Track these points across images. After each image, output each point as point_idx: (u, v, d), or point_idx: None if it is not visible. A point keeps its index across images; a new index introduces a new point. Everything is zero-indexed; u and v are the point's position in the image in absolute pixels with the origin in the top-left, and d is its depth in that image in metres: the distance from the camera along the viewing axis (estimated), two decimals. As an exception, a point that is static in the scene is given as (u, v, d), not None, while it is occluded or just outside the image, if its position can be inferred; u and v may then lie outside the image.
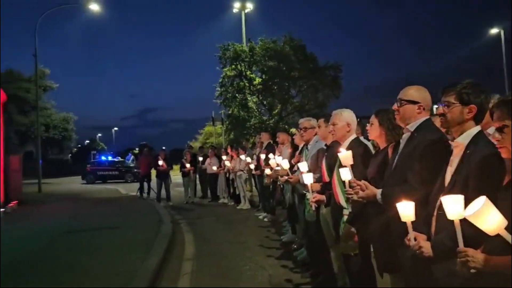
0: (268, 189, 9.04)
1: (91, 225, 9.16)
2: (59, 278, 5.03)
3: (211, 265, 5.83)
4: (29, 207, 13.15)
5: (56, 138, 42.49)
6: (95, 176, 27.87)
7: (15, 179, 14.66)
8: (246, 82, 25.17)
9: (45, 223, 9.64)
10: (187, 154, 13.87)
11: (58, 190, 21.22)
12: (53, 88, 42.47)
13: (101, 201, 14.75)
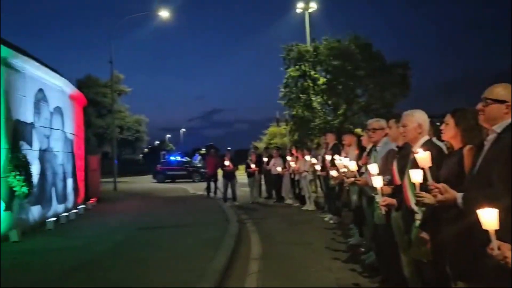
0: (334, 190, 8.90)
1: (161, 222, 9.56)
2: (133, 272, 5.30)
3: (277, 265, 5.85)
4: (106, 204, 14.02)
5: (129, 139, 44.97)
6: (165, 175, 29.02)
7: (94, 177, 15.72)
8: (310, 82, 24.93)
9: (120, 220, 10.22)
10: (252, 154, 14.03)
11: (131, 189, 22.39)
12: (127, 92, 44.96)
13: (171, 200, 15.35)
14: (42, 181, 9.57)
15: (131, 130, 44.98)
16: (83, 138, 14.58)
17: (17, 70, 8.62)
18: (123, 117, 43.92)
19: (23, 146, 8.69)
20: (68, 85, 12.16)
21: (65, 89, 11.83)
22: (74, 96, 12.85)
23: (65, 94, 11.87)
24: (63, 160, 11.33)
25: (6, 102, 8.08)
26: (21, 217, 8.44)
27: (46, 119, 10.12)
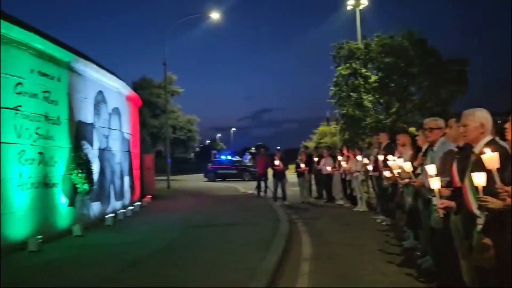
0: (387, 191, 8.63)
1: (213, 221, 9.72)
2: (186, 269, 5.41)
3: (329, 266, 5.77)
4: (160, 202, 14.47)
5: (182, 138, 46.16)
6: (216, 174, 29.51)
7: (149, 176, 16.30)
8: (361, 80, 24.41)
9: (174, 217, 10.50)
10: (302, 154, 13.94)
11: (183, 187, 22.97)
12: (179, 93, 46.15)
13: (222, 199, 15.58)
14: (101, 179, 10.04)
15: (184, 129, 46.14)
16: (138, 137, 15.14)
17: (79, 74, 9.10)
18: (176, 117, 45.11)
19: (85, 146, 9.16)
20: (125, 87, 12.66)
21: (122, 91, 12.33)
22: (130, 97, 13.37)
23: (122, 96, 12.37)
24: (121, 159, 11.81)
25: (69, 104, 8.54)
26: (83, 212, 8.90)
27: (105, 119, 10.60)
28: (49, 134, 7.74)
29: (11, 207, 6.63)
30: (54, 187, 7.90)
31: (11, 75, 6.76)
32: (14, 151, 6.76)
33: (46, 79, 7.74)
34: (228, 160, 32.09)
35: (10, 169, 6.65)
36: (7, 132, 6.60)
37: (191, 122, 47.14)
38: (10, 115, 6.68)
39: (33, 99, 7.28)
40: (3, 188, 6.47)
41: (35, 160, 7.30)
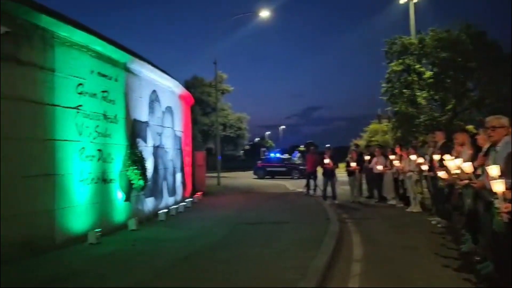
0: (443, 192, 8.24)
1: (262, 218, 9.74)
2: (236, 266, 5.44)
3: (381, 269, 5.59)
4: (211, 198, 14.72)
5: (231, 136, 46.75)
6: (265, 171, 29.58)
7: (200, 173, 16.65)
8: (415, 76, 23.48)
9: (224, 214, 10.63)
10: (352, 152, 13.65)
11: (233, 184, 23.23)
12: (229, 91, 46.73)
13: (271, 196, 15.59)
14: (155, 175, 10.36)
15: (233, 127, 46.71)
16: (190, 135, 15.48)
17: (135, 74, 9.42)
18: (226, 115, 45.74)
19: (140, 143, 9.49)
20: (178, 86, 12.97)
21: (175, 90, 12.64)
22: (182, 96, 13.68)
23: (175, 94, 12.68)
24: (173, 156, 12.13)
25: (125, 103, 8.87)
26: (138, 207, 9.23)
27: (159, 118, 10.91)
28: (107, 132, 8.08)
29: (72, 201, 6.99)
30: (112, 183, 8.24)
31: (73, 76, 7.12)
32: (76, 148, 7.12)
33: (104, 80, 8.09)
34: (277, 158, 32.06)
35: (72, 165, 7.00)
36: (69, 130, 6.95)
37: (240, 120, 47.63)
38: (72, 114, 7.04)
39: (92, 98, 7.63)
40: (65, 183, 6.83)
41: (94, 156, 7.65)
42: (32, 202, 6.17)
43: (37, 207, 6.26)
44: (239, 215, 10.30)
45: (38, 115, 6.35)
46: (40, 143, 6.37)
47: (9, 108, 5.84)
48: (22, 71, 6.11)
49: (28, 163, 6.11)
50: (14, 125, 5.93)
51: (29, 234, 6.09)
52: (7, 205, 5.72)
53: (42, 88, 6.44)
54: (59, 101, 6.75)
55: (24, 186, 6.03)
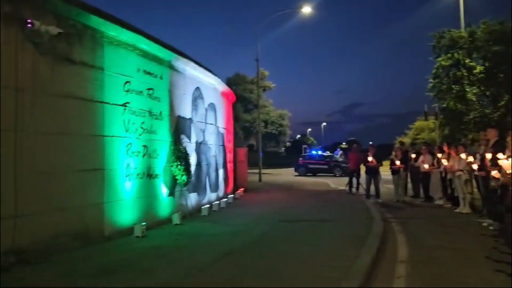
0: (495, 193, 7.84)
1: (304, 216, 9.67)
2: (277, 263, 5.43)
3: (427, 271, 5.38)
4: (252, 194, 14.79)
5: (273, 133, 46.78)
6: (306, 168, 29.40)
7: (242, 169, 16.75)
8: (465, 71, 22.49)
9: (265, 210, 10.65)
10: (397, 150, 13.27)
11: (274, 180, 23.25)
12: (271, 88, 46.77)
13: (312, 194, 15.47)
14: (198, 171, 10.52)
15: (275, 124, 46.72)
16: (232, 132, 15.61)
17: (179, 71, 9.59)
18: (268, 111, 45.82)
19: (183, 139, 9.67)
20: (220, 83, 13.10)
21: (218, 87, 12.77)
22: (225, 93, 13.80)
23: (217, 91, 12.81)
24: (216, 152, 12.27)
25: (170, 100, 9.06)
26: (181, 202, 9.41)
27: (202, 114, 11.07)
28: (152, 128, 8.29)
29: (119, 195, 7.23)
30: (156, 178, 8.45)
31: (121, 74, 7.35)
32: (123, 144, 7.35)
33: (150, 77, 8.29)
34: (319, 155, 31.77)
35: (119, 161, 7.24)
36: (116, 126, 7.19)
37: (282, 116, 47.56)
38: (119, 111, 7.27)
39: (139, 96, 7.85)
40: (113, 178, 7.07)
41: (140, 152, 7.87)
42: (83, 195, 6.43)
43: (87, 200, 6.52)
44: (281, 212, 10.28)
45: (88, 112, 6.60)
46: (90, 139, 6.63)
47: (62, 105, 6.11)
48: (74, 69, 6.37)
49: (79, 158, 6.38)
50: (67, 121, 6.20)
51: (80, 226, 6.36)
52: (61, 197, 6.01)
53: (92, 86, 6.69)
54: (108, 98, 6.99)
55: (76, 180, 6.30)
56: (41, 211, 5.72)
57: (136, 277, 4.89)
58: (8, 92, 5.34)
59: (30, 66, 5.65)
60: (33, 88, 5.66)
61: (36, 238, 5.65)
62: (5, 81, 5.31)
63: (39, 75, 5.77)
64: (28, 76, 5.61)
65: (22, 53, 5.55)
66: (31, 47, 5.67)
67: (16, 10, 5.53)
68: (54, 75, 6.01)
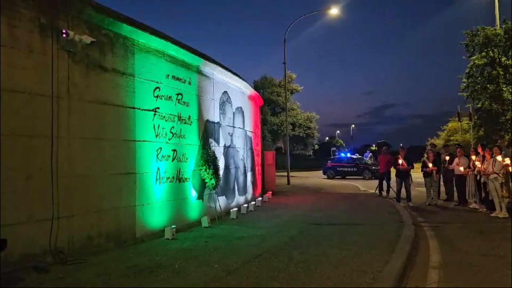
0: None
1: (333, 219, 9.63)
2: (307, 267, 5.45)
3: (462, 278, 5.28)
4: (280, 197, 14.82)
5: (301, 135, 46.60)
6: (335, 171, 29.18)
7: (270, 172, 16.81)
8: (500, 69, 21.85)
9: (294, 214, 10.66)
10: (429, 152, 13.02)
11: (303, 183, 23.17)
12: (298, 91, 46.62)
13: (341, 197, 15.36)
14: (226, 175, 10.66)
15: (303, 127, 46.54)
16: (260, 135, 15.70)
17: (207, 76, 9.76)
18: (296, 114, 45.70)
19: (212, 143, 9.82)
20: (247, 87, 13.22)
21: (245, 91, 12.89)
22: (252, 97, 13.91)
23: (245, 95, 12.93)
24: (244, 156, 12.39)
25: (198, 105, 9.23)
26: (210, 205, 9.56)
27: (230, 118, 11.21)
28: (181, 133, 8.47)
29: (150, 198, 7.43)
30: (186, 182, 8.62)
31: (151, 80, 7.56)
32: (153, 149, 7.55)
33: (178, 83, 8.48)
34: (348, 158, 31.46)
35: (150, 165, 7.44)
36: (147, 131, 7.39)
37: (310, 119, 47.31)
38: (150, 117, 7.48)
39: (168, 101, 8.05)
40: (144, 181, 7.27)
41: (170, 156, 8.05)
42: (116, 198, 6.65)
43: (120, 203, 6.74)
44: (309, 215, 10.27)
45: (120, 117, 6.83)
46: (123, 144, 6.85)
47: (96, 111, 6.35)
48: (107, 76, 6.60)
49: (113, 162, 6.60)
50: (101, 127, 6.43)
51: (113, 228, 6.58)
52: (96, 200, 6.24)
53: (124, 92, 6.91)
54: (139, 104, 7.21)
55: (110, 183, 6.53)
56: (78, 213, 5.96)
57: (167, 278, 5.02)
58: (45, 100, 5.60)
59: (65, 74, 5.91)
60: (68, 95, 5.91)
61: (73, 239, 5.89)
62: (42, 89, 5.58)
63: (74, 83, 6.03)
64: (63, 84, 5.87)
65: (58, 62, 5.81)
66: (66, 55, 5.93)
67: (52, 21, 5.79)
68: (88, 82, 6.26)
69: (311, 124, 47.18)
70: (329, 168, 29.84)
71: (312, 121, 47.53)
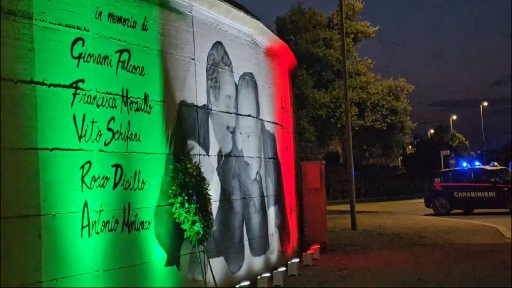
0: None
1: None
2: None
3: None
4: (338, 258, 15.02)
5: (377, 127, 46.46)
6: (450, 199, 29.78)
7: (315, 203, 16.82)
8: None
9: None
10: None
11: (382, 226, 23.36)
12: (369, 35, 46.71)
13: (465, 254, 15.42)
14: (225, 213, 10.72)
15: (380, 108, 46.39)
16: (292, 128, 15.62)
17: (179, 12, 9.77)
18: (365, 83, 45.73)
19: (193, 150, 9.86)
20: (264, 31, 13.22)
21: (259, 39, 12.91)
22: (274, 51, 13.91)
23: (260, 49, 12.93)
24: (260, 173, 12.40)
25: (164, 72, 9.23)
26: (194, 277, 9.54)
27: (229, 97, 11.29)
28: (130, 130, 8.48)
29: (71, 266, 7.41)
30: (143, 230, 8.63)
31: (66, 25, 7.56)
32: (74, 164, 7.55)
33: (122, 28, 8.50)
34: (475, 171, 31.12)
35: (69, 197, 7.43)
36: (60, 129, 7.38)
37: (395, 93, 47.05)
38: (65, 99, 7.48)
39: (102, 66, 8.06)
40: (57, 233, 7.27)
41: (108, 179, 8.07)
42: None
43: (8, 279, 6.74)
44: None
45: (5, 103, 6.82)
46: (10, 156, 6.84)
47: None
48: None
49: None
50: None
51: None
52: None
53: (11, 51, 6.91)
54: (43, 75, 7.21)
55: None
56: None
57: None
58: None
59: None
60: None
61: None
62: None
63: None
64: None
65: None
66: None
67: None
68: None
69: (397, 104, 46.87)
70: (438, 194, 29.67)
71: (399, 97, 47.28)
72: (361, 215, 23.44)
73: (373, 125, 45.75)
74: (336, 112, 42.65)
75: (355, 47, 46.51)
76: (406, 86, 47.64)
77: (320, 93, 43.77)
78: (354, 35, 44.45)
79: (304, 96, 40.75)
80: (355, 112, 41.66)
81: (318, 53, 43.61)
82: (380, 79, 47.34)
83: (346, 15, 37.91)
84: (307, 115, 41.82)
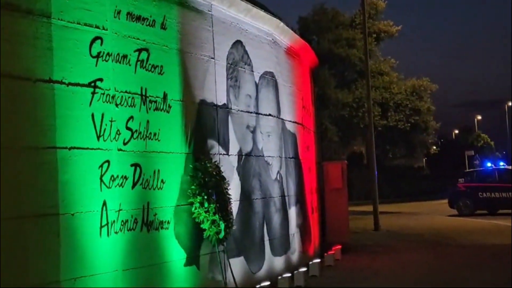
0: None
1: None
2: None
3: None
4: (361, 258, 15.06)
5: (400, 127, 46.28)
6: (474, 200, 29.56)
7: (337, 204, 16.83)
8: None
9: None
10: None
11: (405, 227, 23.44)
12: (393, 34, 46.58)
13: (490, 254, 15.39)
14: (245, 213, 10.71)
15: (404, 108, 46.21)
16: (313, 128, 15.60)
17: (198, 10, 9.77)
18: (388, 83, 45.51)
19: (213, 149, 9.86)
20: (285, 30, 13.20)
21: (280, 39, 12.89)
22: (294, 51, 13.89)
23: (280, 48, 12.93)
24: (281, 173, 12.39)
25: (183, 72, 9.24)
26: (214, 277, 9.54)
27: (249, 97, 11.30)
28: (149, 129, 8.50)
29: (90, 266, 7.43)
30: (162, 230, 8.63)
31: (85, 24, 7.59)
32: (93, 163, 7.57)
33: (140, 26, 8.52)
34: (500, 171, 30.92)
35: (87, 197, 7.45)
36: (79, 128, 7.41)
37: (418, 93, 46.82)
38: (83, 98, 7.51)
39: (121, 65, 8.08)
40: (75, 232, 7.28)
41: (127, 178, 8.08)
42: (20, 266, 6.66)
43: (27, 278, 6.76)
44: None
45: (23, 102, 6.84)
46: (27, 155, 6.86)
47: None
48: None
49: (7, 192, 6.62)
50: None
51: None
52: None
53: (30, 50, 6.94)
54: (61, 73, 7.23)
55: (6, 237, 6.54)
56: None
57: None
58: None
59: None
60: None
61: None
62: None
63: None
64: None
65: None
66: None
67: None
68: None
69: (420, 104, 46.62)
70: (462, 195, 29.51)
71: (423, 96, 47.03)
72: (384, 215, 23.34)
73: (397, 125, 45.55)
74: (359, 112, 42.50)
75: (378, 46, 46.36)
76: (430, 85, 47.36)
77: (343, 93, 43.66)
78: (376, 34, 44.33)
79: (327, 96, 40.68)
80: (378, 112, 41.50)
81: (340, 53, 43.56)
82: (403, 79, 47.13)
83: (369, 15, 37.76)
84: (329, 115, 41.74)
